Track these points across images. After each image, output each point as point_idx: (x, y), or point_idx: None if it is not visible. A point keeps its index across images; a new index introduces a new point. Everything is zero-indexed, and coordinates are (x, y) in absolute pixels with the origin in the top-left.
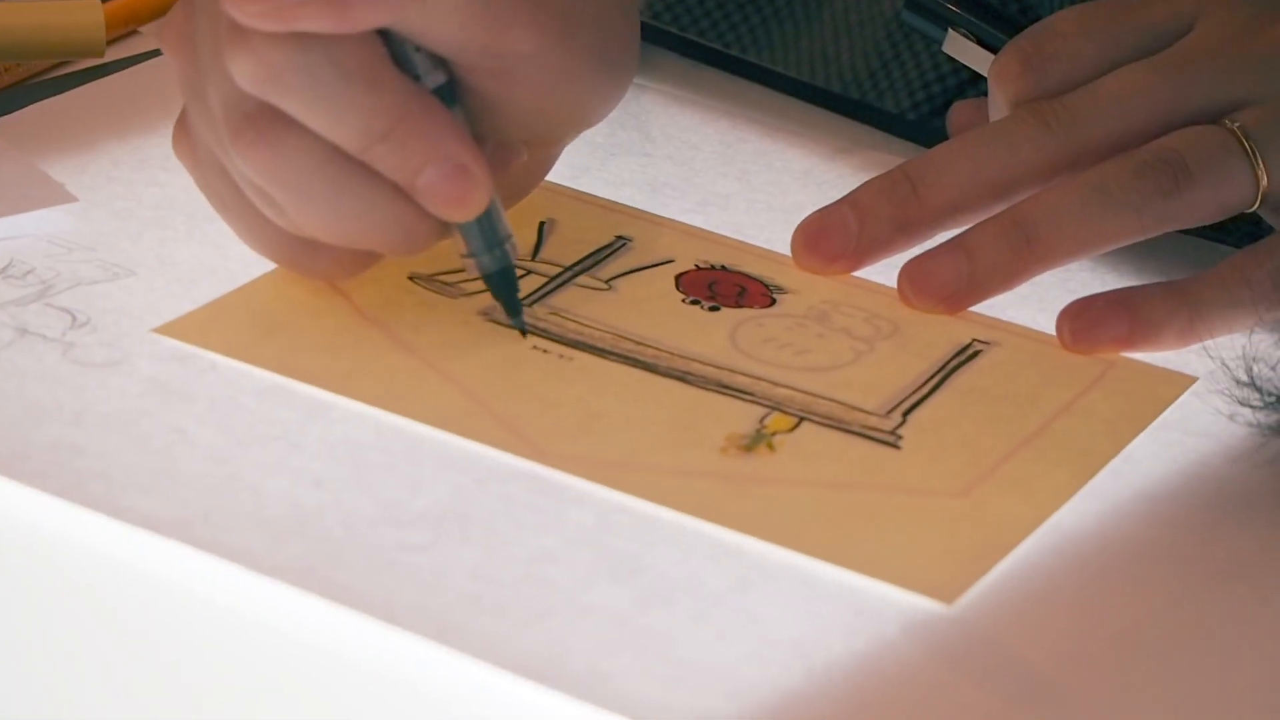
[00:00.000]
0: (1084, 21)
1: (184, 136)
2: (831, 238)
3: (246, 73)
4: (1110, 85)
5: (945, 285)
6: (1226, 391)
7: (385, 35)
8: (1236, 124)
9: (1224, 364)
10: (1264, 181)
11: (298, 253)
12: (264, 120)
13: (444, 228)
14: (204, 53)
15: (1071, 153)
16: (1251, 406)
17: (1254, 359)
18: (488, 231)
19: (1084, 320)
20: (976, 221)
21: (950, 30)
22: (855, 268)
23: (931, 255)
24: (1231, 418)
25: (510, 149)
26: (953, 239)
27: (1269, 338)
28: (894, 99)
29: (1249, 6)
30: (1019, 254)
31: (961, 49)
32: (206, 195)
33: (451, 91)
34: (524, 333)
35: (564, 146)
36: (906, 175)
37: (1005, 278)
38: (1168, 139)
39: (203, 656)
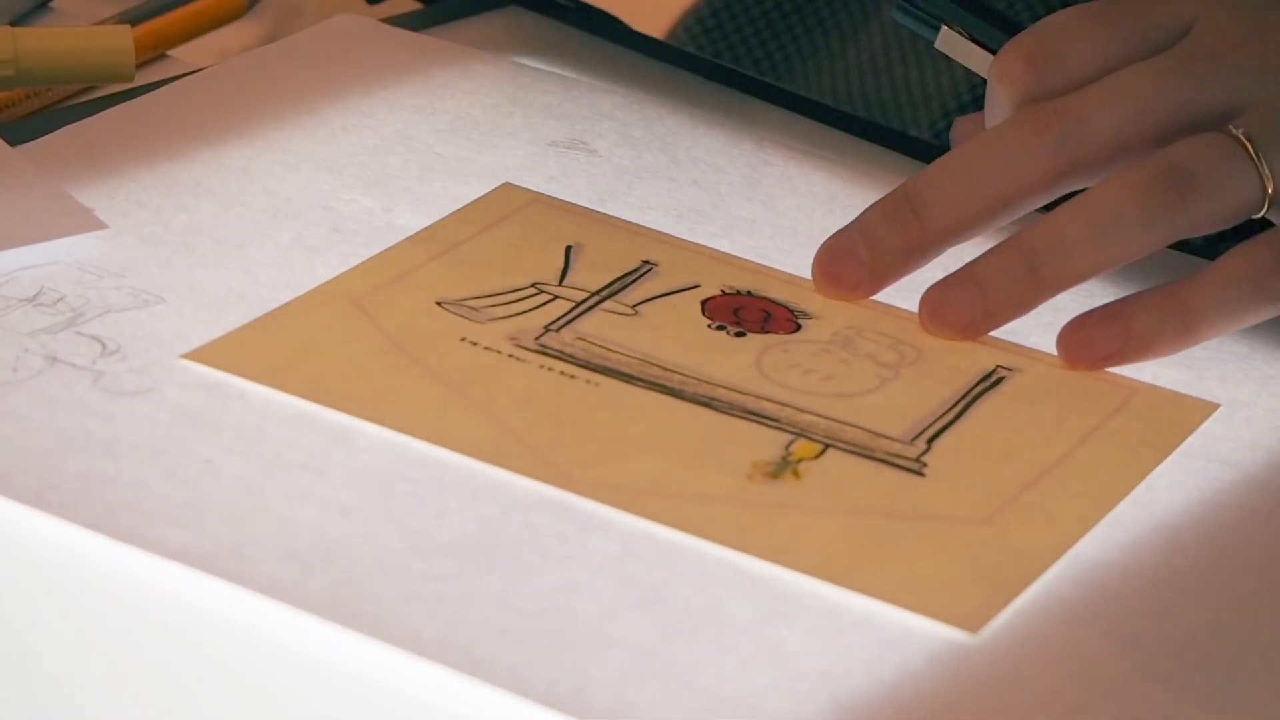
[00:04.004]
0: (1086, 20)
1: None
2: (846, 268)
3: None
4: (1112, 89)
5: (961, 317)
6: None
7: None
8: (1240, 130)
9: None
10: (1270, 186)
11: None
12: None
13: None
14: None
15: (1072, 160)
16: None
17: None
18: None
19: (1077, 339)
20: (985, 231)
21: (944, 28)
22: (875, 292)
23: (948, 286)
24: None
25: None
26: (965, 269)
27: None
28: (917, 123)
29: (1246, 7)
30: (1029, 285)
31: (955, 46)
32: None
33: None
34: None
35: None
36: (907, 199)
37: (1018, 307)
38: (1172, 150)
39: (232, 688)
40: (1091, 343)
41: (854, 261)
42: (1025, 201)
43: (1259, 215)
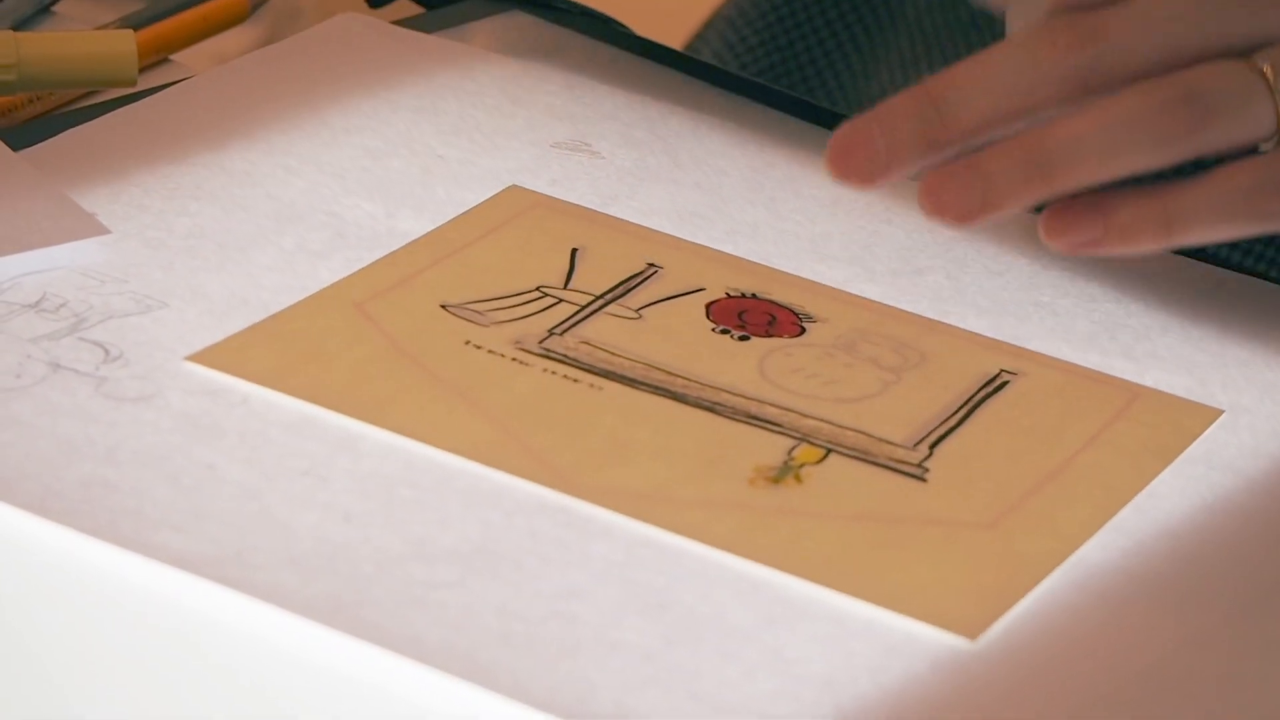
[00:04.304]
0: None
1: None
2: (860, 155)
3: None
4: (1149, 16)
5: (960, 204)
6: None
7: None
8: (1266, 64)
9: None
10: None
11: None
12: None
13: None
14: None
15: (1099, 78)
16: None
17: None
18: None
19: (1059, 221)
20: (1000, 133)
21: None
22: (884, 181)
23: (952, 174)
24: None
25: None
26: (971, 159)
27: None
28: None
29: None
30: (1032, 183)
31: None
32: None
33: None
34: None
35: None
36: (931, 99)
37: (1019, 201)
38: (1195, 74)
39: (234, 694)
40: (1071, 227)
41: (869, 149)
42: (1043, 111)
43: (1267, 149)
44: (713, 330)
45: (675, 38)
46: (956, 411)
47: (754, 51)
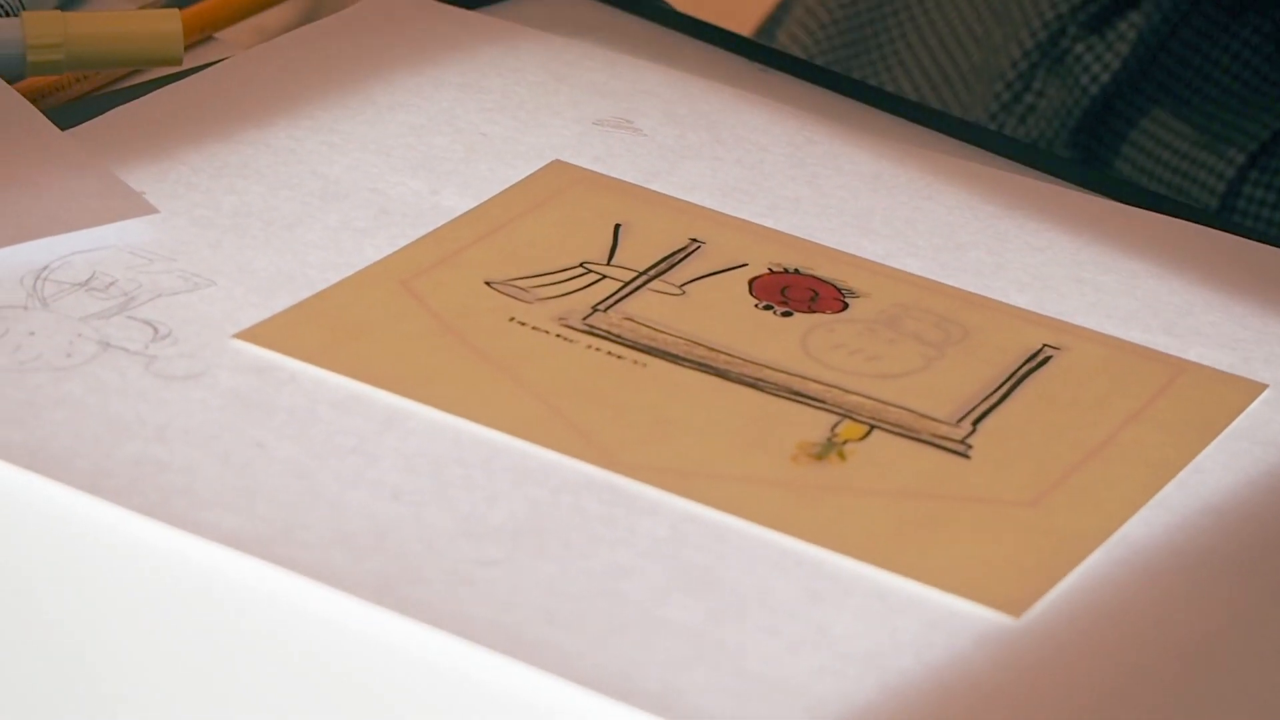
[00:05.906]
0: None
1: None
2: None
3: None
4: None
5: None
6: None
7: None
8: None
9: None
10: None
11: None
12: None
13: None
14: None
15: None
16: None
17: None
18: None
19: None
20: None
21: None
22: None
23: None
24: None
25: None
26: None
27: None
28: (960, 104)
29: None
30: None
31: None
32: None
33: None
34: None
35: None
36: None
37: None
38: None
39: (283, 672)
40: None
41: None
42: None
43: None
44: (755, 306)
45: (717, 14)
46: (1000, 387)
47: (839, 24)
